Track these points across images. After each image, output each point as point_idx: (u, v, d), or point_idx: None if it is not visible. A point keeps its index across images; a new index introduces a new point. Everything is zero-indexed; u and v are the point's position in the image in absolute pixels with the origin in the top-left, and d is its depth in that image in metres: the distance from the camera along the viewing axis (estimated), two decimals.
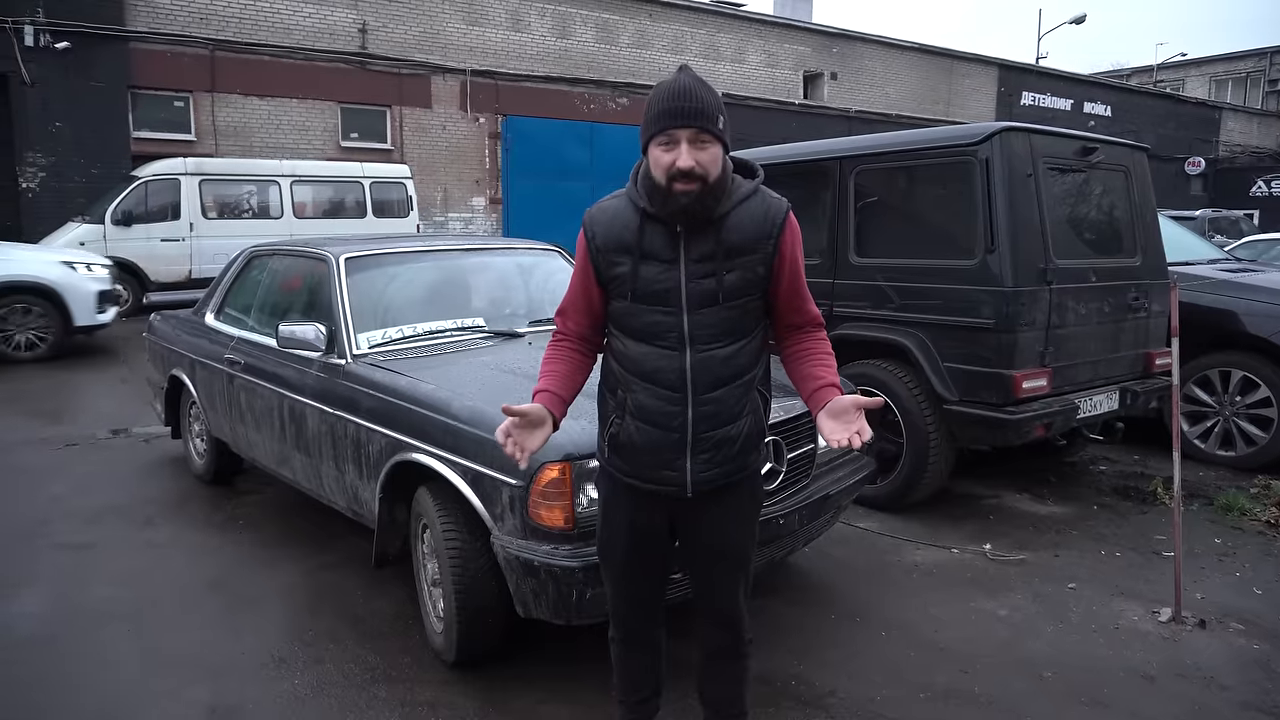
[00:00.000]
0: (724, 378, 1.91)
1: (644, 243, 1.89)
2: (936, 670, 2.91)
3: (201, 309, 4.73)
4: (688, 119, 1.78)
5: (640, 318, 1.92)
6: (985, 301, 4.02)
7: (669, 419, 1.91)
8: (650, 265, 1.89)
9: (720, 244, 1.86)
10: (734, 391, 1.92)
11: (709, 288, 1.86)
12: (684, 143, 1.79)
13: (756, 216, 1.88)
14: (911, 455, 4.30)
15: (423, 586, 3.04)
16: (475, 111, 17.76)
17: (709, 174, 1.81)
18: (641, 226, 1.90)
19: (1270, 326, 5.14)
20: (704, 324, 1.88)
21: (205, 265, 12.18)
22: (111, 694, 2.76)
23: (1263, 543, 4.10)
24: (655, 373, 1.91)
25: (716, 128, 1.80)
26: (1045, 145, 4.24)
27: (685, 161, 1.78)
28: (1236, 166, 30.82)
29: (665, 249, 1.88)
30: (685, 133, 1.78)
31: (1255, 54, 35.48)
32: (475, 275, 4.14)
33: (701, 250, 1.86)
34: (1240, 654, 3.03)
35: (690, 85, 1.80)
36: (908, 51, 24.15)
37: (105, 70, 14.04)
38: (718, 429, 1.92)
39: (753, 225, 1.87)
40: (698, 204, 1.82)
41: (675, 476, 1.95)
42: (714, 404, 1.90)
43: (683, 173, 1.78)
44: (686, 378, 1.89)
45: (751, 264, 1.88)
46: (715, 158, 1.82)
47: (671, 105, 1.79)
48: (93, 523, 4.25)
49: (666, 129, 1.79)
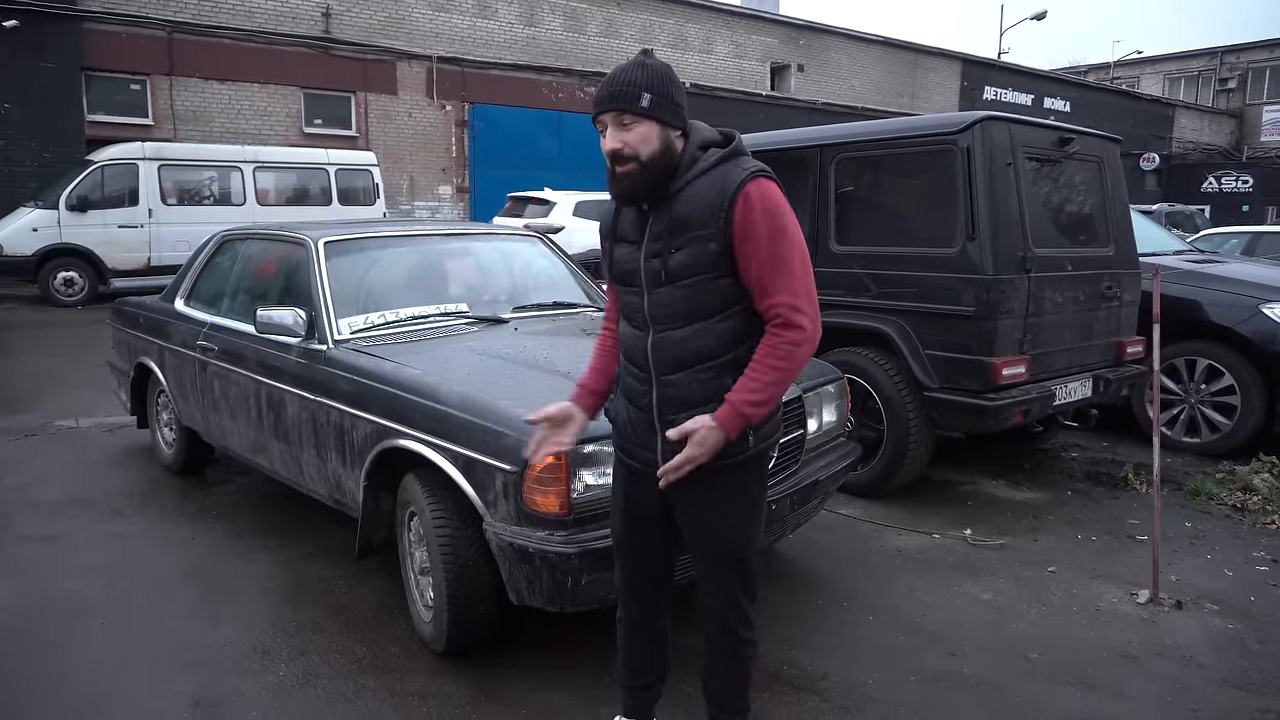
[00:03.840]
0: (682, 360, 1.85)
1: (617, 226, 1.96)
2: (925, 653, 2.94)
3: (171, 294, 4.60)
4: (606, 103, 1.80)
5: (621, 298, 1.98)
6: (966, 289, 4.05)
7: (640, 398, 1.94)
8: (621, 247, 1.95)
9: (671, 221, 1.82)
10: (696, 376, 1.85)
11: (655, 267, 1.85)
12: (610, 126, 1.81)
13: (712, 190, 1.78)
14: (892, 442, 4.33)
15: (409, 575, 2.98)
16: (442, 99, 17.55)
17: (639, 153, 1.79)
18: (617, 210, 1.96)
19: (1234, 316, 5.27)
20: (659, 304, 1.86)
21: (165, 252, 11.91)
22: (89, 687, 2.68)
23: (1230, 526, 4.21)
24: (629, 352, 1.97)
25: (638, 106, 1.77)
26: (1024, 135, 4.29)
27: (610, 144, 1.81)
28: (1189, 163, 31.61)
29: (633, 230, 1.91)
30: (608, 116, 1.81)
31: (1206, 53, 36.33)
32: (457, 260, 4.08)
33: (657, 228, 1.86)
34: (1216, 633, 3.10)
35: (619, 70, 1.82)
36: (873, 45, 24.36)
37: (57, 51, 13.63)
38: (680, 412, 1.86)
39: (705, 199, 1.78)
40: (638, 184, 1.82)
41: (650, 456, 1.95)
42: (673, 386, 1.87)
43: (611, 154, 1.81)
44: (648, 358, 1.90)
45: (701, 240, 1.78)
46: (644, 136, 1.79)
47: (599, 92, 1.83)
48: (57, 514, 4.12)
49: (596, 115, 1.84)
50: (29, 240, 11.44)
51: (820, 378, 3.32)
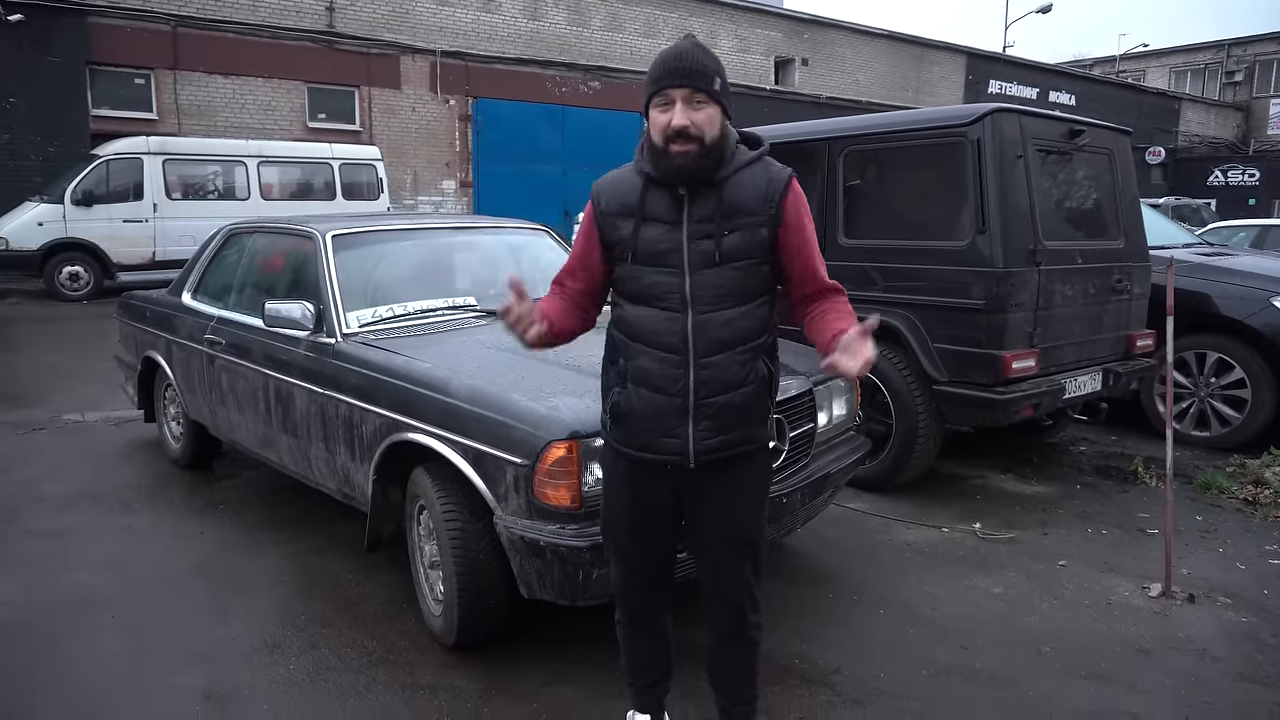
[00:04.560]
0: (725, 342, 1.89)
1: (646, 205, 1.91)
2: (937, 647, 2.92)
3: (178, 288, 4.59)
4: (682, 78, 1.80)
5: (642, 279, 1.92)
6: (975, 282, 4.03)
7: (671, 383, 1.90)
8: (652, 227, 1.90)
9: (721, 205, 1.87)
10: (736, 357, 1.90)
11: (708, 249, 1.87)
12: (679, 102, 1.80)
13: (759, 180, 1.88)
14: (901, 436, 4.32)
15: (419, 569, 2.98)
16: (445, 93, 17.51)
17: (705, 134, 1.81)
18: (645, 189, 1.91)
19: (1244, 309, 5.24)
20: (705, 285, 1.87)
21: (170, 247, 11.90)
22: (99, 681, 2.68)
23: (1241, 519, 4.19)
24: (656, 334, 1.90)
25: (712, 88, 1.81)
26: (1034, 127, 4.26)
27: (680, 120, 1.79)
28: (1195, 156, 31.46)
29: (668, 211, 1.89)
30: (680, 92, 1.80)
31: (1213, 46, 36.16)
32: (464, 254, 4.07)
33: (703, 212, 1.87)
34: (1229, 627, 3.09)
35: (687, 49, 1.83)
36: (878, 39, 24.25)
37: (62, 45, 13.61)
38: (718, 395, 1.90)
39: (754, 188, 1.88)
40: (695, 164, 1.83)
41: (678, 444, 1.92)
42: (714, 368, 1.89)
43: (678, 132, 1.79)
44: (688, 340, 1.88)
45: (753, 226, 1.87)
46: (711, 118, 1.82)
47: (668, 66, 1.81)
48: (65, 508, 4.12)
49: (663, 89, 1.81)
50: (34, 235, 11.43)
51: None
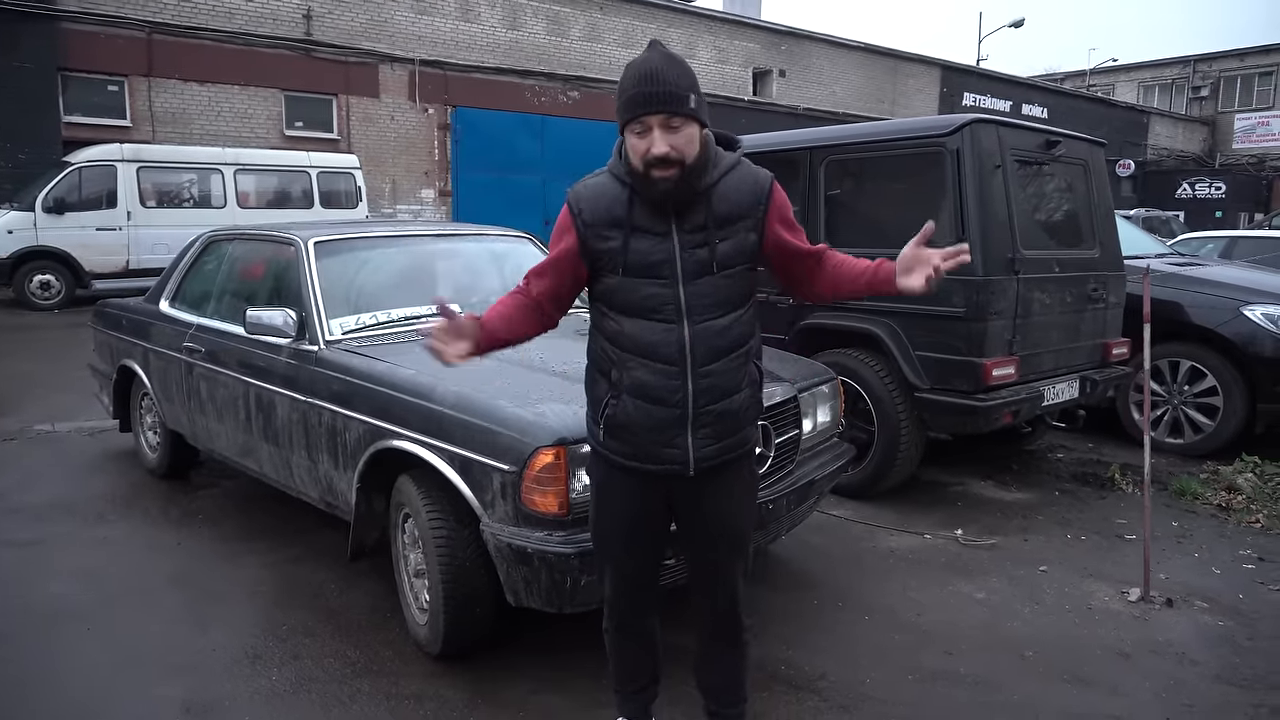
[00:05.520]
0: (722, 349, 1.90)
1: (634, 217, 1.86)
2: (921, 652, 2.94)
3: (155, 296, 4.53)
4: (656, 105, 1.75)
5: (635, 292, 1.88)
6: (956, 290, 4.07)
7: (670, 394, 1.88)
8: (642, 238, 1.86)
9: (711, 213, 1.86)
10: (732, 363, 1.92)
11: (702, 257, 1.86)
12: (656, 129, 1.76)
13: (745, 185, 1.89)
14: (883, 443, 4.34)
15: (403, 578, 2.95)
16: (424, 102, 17.46)
17: (685, 156, 1.79)
18: (631, 201, 1.87)
19: (1216, 318, 5.33)
20: (700, 294, 1.87)
21: (144, 255, 11.77)
22: (76, 693, 2.63)
23: (1215, 525, 4.25)
24: (653, 347, 1.88)
25: (688, 108, 1.77)
26: (1012, 138, 4.32)
27: (659, 148, 1.76)
28: (1163, 169, 32.02)
29: (657, 222, 1.87)
30: (656, 119, 1.76)
31: (1180, 61, 36.86)
32: (447, 261, 4.05)
33: (694, 221, 1.86)
34: (1207, 630, 3.13)
35: (658, 67, 1.76)
36: (854, 51, 24.51)
37: (33, 51, 13.41)
38: (717, 402, 1.91)
39: (741, 194, 1.88)
40: (679, 186, 1.81)
41: (677, 454, 1.92)
42: (713, 376, 1.89)
43: (658, 159, 1.77)
44: (686, 350, 1.87)
45: (742, 230, 1.88)
46: (690, 138, 1.79)
47: (640, 91, 1.76)
48: (39, 519, 4.05)
49: (638, 116, 1.77)
50: (4, 243, 11.25)
51: (814, 378, 3.32)
